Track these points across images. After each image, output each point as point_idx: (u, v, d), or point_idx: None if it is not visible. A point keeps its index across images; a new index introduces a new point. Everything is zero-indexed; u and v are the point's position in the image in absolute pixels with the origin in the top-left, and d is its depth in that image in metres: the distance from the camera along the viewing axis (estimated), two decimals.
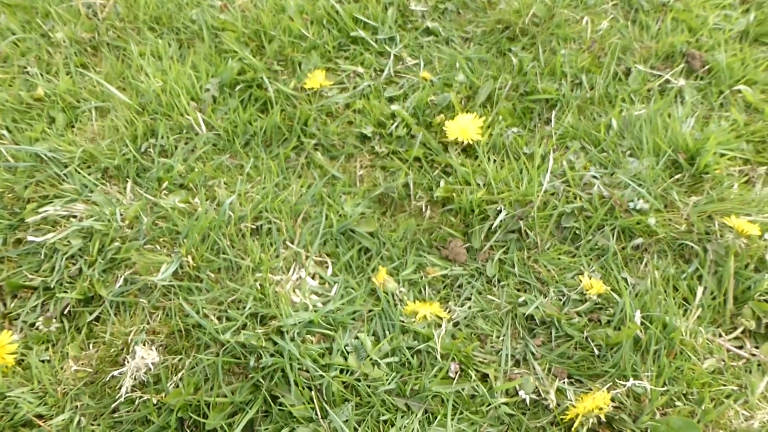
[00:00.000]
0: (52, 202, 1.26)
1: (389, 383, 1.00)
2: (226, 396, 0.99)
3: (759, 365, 1.05)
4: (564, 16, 1.61)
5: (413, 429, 0.96)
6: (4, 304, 1.14)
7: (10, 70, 1.53)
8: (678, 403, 0.99)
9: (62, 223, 1.22)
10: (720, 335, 1.08)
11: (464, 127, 1.33)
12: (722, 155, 1.32)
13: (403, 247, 1.21)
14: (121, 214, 1.22)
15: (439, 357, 1.03)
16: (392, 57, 1.53)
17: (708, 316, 1.10)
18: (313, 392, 0.98)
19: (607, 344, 1.05)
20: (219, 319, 1.08)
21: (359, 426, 0.97)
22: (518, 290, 1.15)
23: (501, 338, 1.08)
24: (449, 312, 1.11)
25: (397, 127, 1.37)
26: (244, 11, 1.63)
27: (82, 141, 1.37)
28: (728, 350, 1.06)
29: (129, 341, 1.07)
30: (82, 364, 1.06)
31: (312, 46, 1.55)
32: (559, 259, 1.18)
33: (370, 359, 1.02)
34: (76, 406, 1.02)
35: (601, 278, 1.14)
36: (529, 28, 1.58)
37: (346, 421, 0.96)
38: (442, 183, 1.28)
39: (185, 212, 1.23)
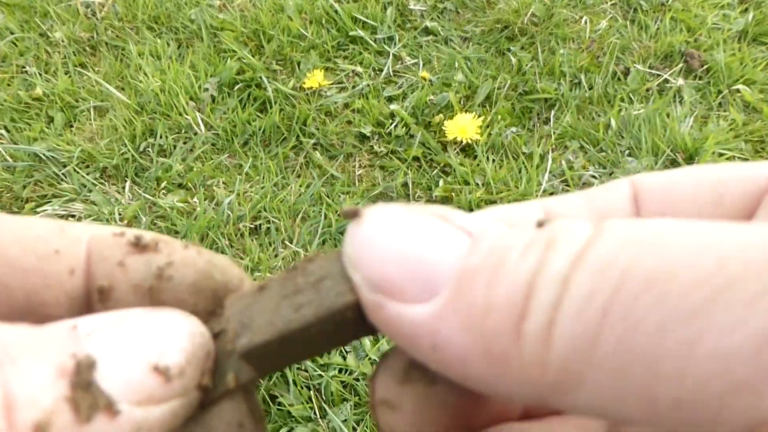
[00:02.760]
0: (50, 201, 1.26)
1: None
2: None
3: None
4: (563, 15, 1.61)
5: None
6: None
7: (8, 70, 1.53)
8: None
9: None
10: None
11: (463, 126, 1.33)
12: (721, 155, 1.32)
13: None
14: (119, 214, 1.22)
15: None
16: (391, 56, 1.53)
17: None
18: (311, 392, 0.98)
19: None
20: None
21: (358, 425, 0.97)
22: None
23: None
24: None
25: (396, 126, 1.37)
26: (242, 11, 1.63)
27: (81, 140, 1.36)
28: None
29: None
30: None
31: (311, 45, 1.55)
32: None
33: (369, 359, 1.02)
34: None
35: None
36: (528, 28, 1.58)
37: (345, 420, 0.96)
38: (441, 182, 1.28)
39: (184, 212, 1.23)
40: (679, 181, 0.20)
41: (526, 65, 1.49)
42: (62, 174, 1.30)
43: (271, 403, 0.98)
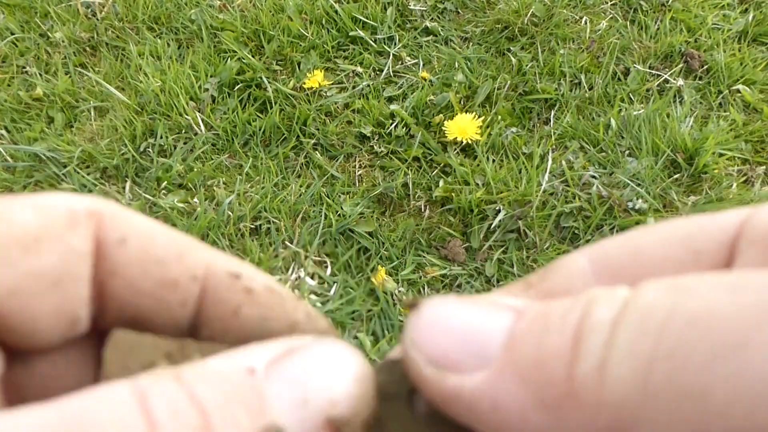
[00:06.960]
0: None
1: None
2: None
3: None
4: (563, 15, 1.61)
5: None
6: None
7: (8, 70, 1.53)
8: None
9: None
10: None
11: (463, 126, 1.33)
12: (721, 155, 1.32)
13: (402, 246, 1.21)
14: None
15: None
16: (391, 57, 1.53)
17: None
18: None
19: None
20: None
21: None
22: None
23: None
24: None
25: (396, 126, 1.37)
26: (243, 11, 1.63)
27: (81, 141, 1.37)
28: None
29: None
30: None
31: (311, 45, 1.55)
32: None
33: (370, 359, 1.02)
34: None
35: None
36: (528, 28, 1.58)
37: None
38: (441, 183, 1.28)
39: (184, 212, 1.23)
40: (645, 245, 0.20)
41: (526, 65, 1.49)
42: (62, 174, 1.30)
43: None
